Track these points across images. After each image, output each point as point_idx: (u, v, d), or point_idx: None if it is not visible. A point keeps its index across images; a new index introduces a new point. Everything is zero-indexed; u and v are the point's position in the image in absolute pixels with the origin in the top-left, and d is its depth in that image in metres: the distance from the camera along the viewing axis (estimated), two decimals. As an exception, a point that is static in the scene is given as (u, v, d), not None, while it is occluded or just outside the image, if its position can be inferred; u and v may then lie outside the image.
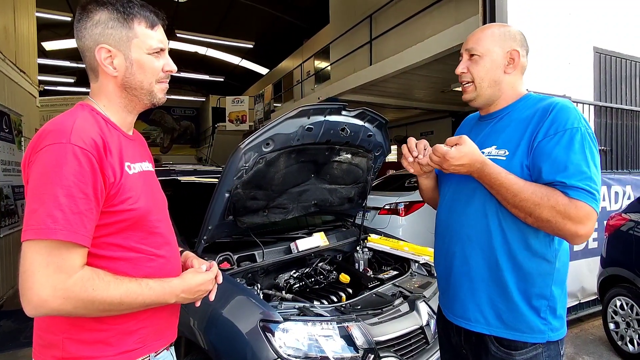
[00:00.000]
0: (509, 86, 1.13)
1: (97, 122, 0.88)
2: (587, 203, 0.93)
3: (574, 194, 0.94)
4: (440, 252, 1.22)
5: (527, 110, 1.08)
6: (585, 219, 0.93)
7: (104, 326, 0.88)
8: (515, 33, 1.12)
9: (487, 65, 1.11)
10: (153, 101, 0.97)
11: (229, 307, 1.60)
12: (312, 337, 1.51)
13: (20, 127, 5.03)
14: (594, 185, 0.95)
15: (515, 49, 1.10)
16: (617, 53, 3.87)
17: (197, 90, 21.14)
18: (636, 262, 2.81)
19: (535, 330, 1.04)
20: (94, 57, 0.90)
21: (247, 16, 13.23)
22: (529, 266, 1.03)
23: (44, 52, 13.01)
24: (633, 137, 4.01)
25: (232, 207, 1.85)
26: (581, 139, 0.98)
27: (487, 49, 1.11)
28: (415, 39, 6.01)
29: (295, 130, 1.80)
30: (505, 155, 1.05)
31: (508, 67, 1.11)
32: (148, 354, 0.95)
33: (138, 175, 0.94)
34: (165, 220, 1.03)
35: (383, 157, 2.38)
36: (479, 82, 1.12)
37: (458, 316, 1.14)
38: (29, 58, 5.97)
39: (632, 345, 2.82)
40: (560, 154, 0.97)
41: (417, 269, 2.29)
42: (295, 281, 2.08)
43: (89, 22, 0.89)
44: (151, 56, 0.92)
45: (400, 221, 4.74)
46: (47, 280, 0.76)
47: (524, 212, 0.97)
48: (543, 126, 1.01)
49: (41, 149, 0.80)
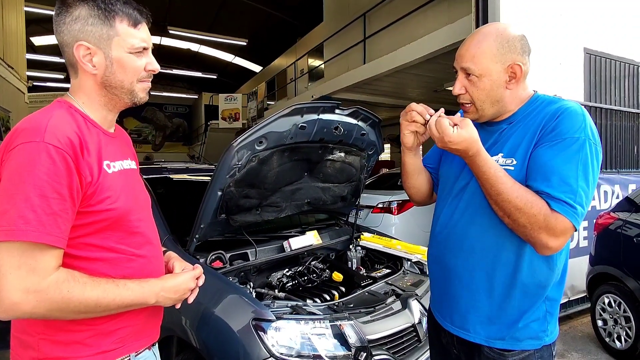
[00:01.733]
0: (513, 98, 1.04)
1: (74, 120, 0.85)
2: (568, 218, 0.90)
3: (556, 206, 0.90)
4: (437, 260, 1.16)
5: (535, 116, 1.01)
6: (561, 233, 0.91)
7: (81, 327, 0.86)
8: (515, 40, 1.01)
9: (487, 86, 1.01)
10: (134, 100, 0.94)
11: (221, 306, 1.59)
12: (305, 336, 1.51)
13: (8, 123, 4.95)
14: (578, 200, 0.90)
15: (517, 62, 0.99)
16: (607, 54, 3.92)
17: (190, 87, 20.99)
18: (624, 261, 2.86)
19: (532, 339, 1.03)
20: (72, 53, 0.86)
21: (240, 13, 13.17)
22: (534, 283, 1.01)
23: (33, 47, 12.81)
24: (622, 137, 4.07)
25: (224, 206, 1.84)
26: (578, 150, 0.92)
27: (485, 68, 1.00)
28: (408, 38, 6.03)
29: (288, 129, 1.79)
30: (514, 165, 0.99)
31: (510, 83, 1.01)
32: (128, 354, 0.93)
33: (118, 174, 0.92)
34: (147, 219, 1.00)
35: (376, 155, 2.38)
36: (480, 104, 1.04)
37: (456, 326, 1.11)
38: (17, 53, 5.87)
39: (619, 341, 2.87)
40: (551, 163, 0.93)
41: (409, 267, 2.30)
42: (288, 280, 2.08)
43: (68, 16, 0.85)
44: (133, 55, 0.89)
45: (393, 219, 4.77)
46: (20, 283, 0.74)
47: (503, 212, 0.95)
48: (546, 130, 0.96)
49: (14, 147, 0.77)
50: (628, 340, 2.80)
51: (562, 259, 1.05)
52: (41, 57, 13.33)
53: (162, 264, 1.04)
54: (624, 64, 4.08)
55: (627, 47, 4.10)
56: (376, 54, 6.99)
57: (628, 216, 2.93)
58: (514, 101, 1.05)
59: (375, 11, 7.40)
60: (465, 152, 0.95)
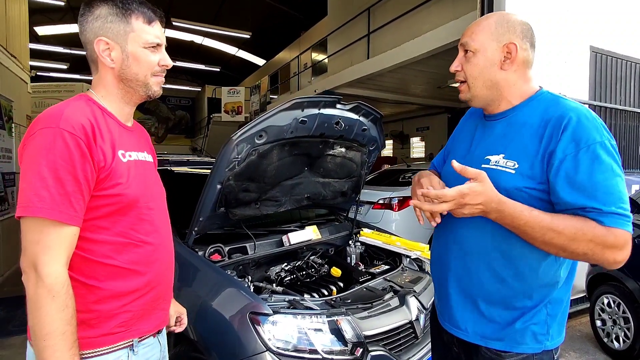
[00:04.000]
0: (509, 84, 1.01)
1: (91, 110, 0.92)
2: (624, 229, 0.86)
3: (609, 221, 0.86)
4: (438, 261, 1.16)
5: (540, 115, 0.97)
6: (624, 245, 0.86)
7: (88, 307, 0.90)
8: (515, 23, 0.99)
9: (481, 62, 1.00)
10: (148, 93, 1.01)
11: (218, 299, 1.60)
12: (302, 330, 1.51)
13: (11, 113, 4.94)
14: (626, 207, 0.87)
15: (513, 41, 0.98)
16: (613, 53, 3.88)
17: (193, 80, 20.94)
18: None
19: (530, 343, 1.00)
20: (93, 49, 0.95)
21: (244, 6, 13.09)
22: (532, 279, 0.98)
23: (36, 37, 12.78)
24: (626, 137, 4.05)
25: (223, 199, 1.83)
26: (607, 155, 0.88)
27: (481, 44, 1.00)
28: (412, 33, 5.98)
29: (288, 123, 1.78)
30: (515, 168, 0.95)
31: (504, 63, 0.99)
32: (131, 338, 0.97)
33: (133, 163, 0.98)
34: (158, 209, 1.04)
35: (377, 151, 2.37)
36: (472, 81, 1.02)
37: (454, 325, 1.10)
38: (20, 42, 5.85)
39: (617, 342, 2.87)
40: (587, 177, 0.87)
41: (408, 263, 2.30)
42: (286, 274, 2.08)
43: (90, 16, 0.95)
44: (147, 50, 0.97)
45: (393, 216, 4.76)
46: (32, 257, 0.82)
47: (556, 248, 0.89)
48: (561, 141, 0.90)
49: (33, 133, 0.85)
50: (626, 341, 2.79)
51: (564, 261, 1.00)
52: (45, 46, 13.30)
53: (171, 254, 1.08)
54: (630, 63, 4.04)
55: (634, 45, 4.06)
56: (380, 49, 6.94)
57: (630, 217, 2.91)
58: (511, 90, 1.02)
59: (380, 6, 7.34)
60: (487, 205, 0.90)
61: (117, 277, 0.93)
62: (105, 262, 0.92)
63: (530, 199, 0.93)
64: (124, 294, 0.94)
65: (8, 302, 3.81)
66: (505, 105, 1.04)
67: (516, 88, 1.02)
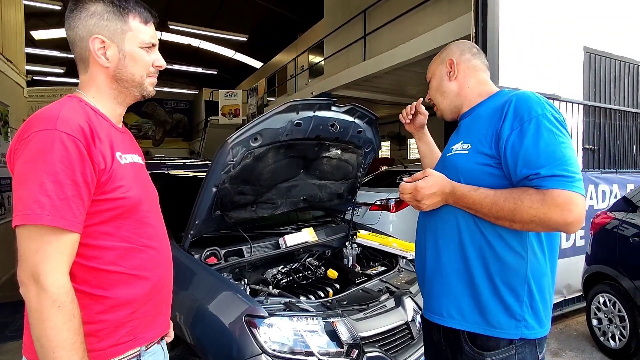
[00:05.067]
0: (462, 88, 1.19)
1: (85, 112, 0.88)
2: (565, 189, 0.90)
3: (549, 183, 0.91)
4: (417, 249, 1.23)
5: (491, 106, 1.10)
6: (566, 205, 0.89)
7: (94, 318, 0.88)
8: (450, 46, 1.24)
9: (435, 83, 1.26)
10: (143, 93, 0.99)
11: (215, 302, 1.60)
12: (298, 332, 1.51)
13: (7, 117, 4.93)
14: (570, 169, 0.91)
15: (450, 57, 1.21)
16: (607, 53, 3.91)
17: (190, 83, 20.92)
18: (619, 260, 2.86)
19: (505, 325, 1.01)
20: (86, 47, 0.91)
21: (241, 9, 13.10)
22: (500, 259, 1.01)
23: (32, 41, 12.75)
24: (620, 136, 4.07)
25: (219, 202, 1.84)
26: (549, 125, 0.95)
27: (432, 71, 1.27)
28: (408, 35, 6.01)
29: (283, 126, 1.79)
30: (468, 149, 1.08)
31: (450, 75, 1.21)
32: (138, 347, 0.95)
33: (130, 166, 0.95)
34: (155, 212, 1.03)
35: (373, 153, 2.38)
36: (434, 99, 1.26)
37: (432, 312, 1.14)
38: (17, 47, 5.85)
39: (613, 340, 2.88)
40: (530, 146, 0.94)
41: (404, 265, 2.30)
42: (283, 276, 2.08)
43: (83, 12, 0.90)
44: (143, 50, 0.95)
45: (390, 217, 4.77)
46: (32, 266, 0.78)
47: (508, 221, 0.96)
48: (506, 120, 1.00)
49: (27, 136, 0.80)
50: (622, 340, 2.81)
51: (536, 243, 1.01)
52: (41, 51, 13.27)
53: (170, 256, 1.06)
54: (623, 63, 4.07)
55: (627, 46, 4.09)
56: (376, 51, 6.97)
57: (624, 216, 2.93)
58: (466, 92, 1.19)
59: (376, 8, 7.37)
60: (443, 191, 1.05)
61: (124, 284, 0.90)
62: (111, 269, 0.89)
63: (484, 174, 1.03)
64: (131, 301, 0.92)
65: (5, 308, 3.80)
66: (467, 106, 1.20)
67: (470, 89, 1.19)
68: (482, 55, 1.23)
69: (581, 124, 3.68)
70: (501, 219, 0.97)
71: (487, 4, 3.02)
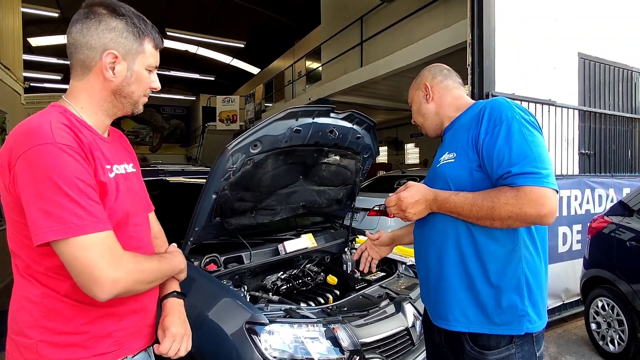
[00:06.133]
0: (441, 107, 1.28)
1: (71, 123, 0.87)
2: (536, 185, 0.95)
3: (520, 181, 0.96)
4: (418, 256, 1.27)
5: (469, 115, 1.18)
6: (539, 199, 0.94)
7: (79, 329, 0.88)
8: (423, 72, 1.35)
9: (415, 107, 1.36)
10: (134, 110, 1.02)
11: (214, 309, 1.59)
12: (298, 339, 1.51)
13: (4, 124, 4.92)
14: (540, 165, 0.97)
15: (424, 82, 1.31)
16: (601, 59, 3.95)
17: (188, 89, 20.95)
18: (617, 264, 2.87)
19: (510, 322, 1.04)
20: (94, 57, 0.91)
21: (238, 15, 13.17)
22: (496, 258, 1.05)
23: (30, 48, 12.75)
24: (616, 141, 4.11)
25: (219, 209, 1.84)
26: (518, 126, 1.01)
27: (411, 97, 1.37)
28: (405, 41, 6.07)
29: (283, 132, 1.80)
30: (454, 158, 1.13)
31: (427, 97, 1.31)
32: (125, 355, 0.95)
33: (119, 178, 0.95)
34: (143, 224, 1.03)
35: (371, 159, 2.39)
36: (418, 121, 1.36)
37: (439, 318, 1.16)
38: (14, 54, 5.85)
39: (612, 345, 2.89)
40: (502, 146, 1.01)
41: (404, 270, 2.31)
42: (282, 283, 2.08)
43: (102, 24, 0.91)
44: (146, 71, 0.98)
45: (389, 222, 4.77)
46: (108, 265, 0.81)
47: (488, 219, 1.01)
48: (482, 125, 1.07)
49: (25, 152, 0.78)
50: (621, 344, 2.81)
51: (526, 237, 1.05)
52: (38, 58, 13.28)
53: None
54: (617, 68, 4.12)
55: (620, 52, 4.14)
56: (373, 57, 7.02)
57: (621, 220, 2.95)
58: (445, 109, 1.28)
59: (372, 15, 7.44)
60: (426, 199, 1.11)
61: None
62: None
63: (472, 178, 1.08)
64: (116, 313, 0.93)
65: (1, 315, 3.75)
66: (447, 121, 1.28)
67: (449, 106, 1.28)
68: (453, 74, 1.34)
69: (577, 129, 3.71)
70: (482, 219, 1.01)
71: (483, 12, 3.06)
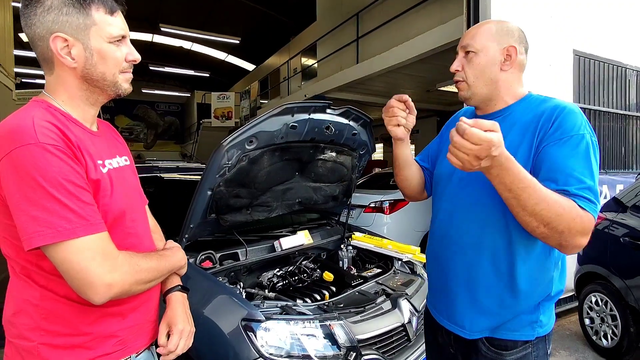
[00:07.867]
0: (506, 85, 1.06)
1: (57, 119, 0.81)
2: (593, 214, 0.89)
3: (583, 204, 0.88)
4: (436, 257, 1.17)
5: (530, 112, 1.02)
6: (589, 230, 0.88)
7: (81, 330, 0.85)
8: (513, 29, 1.06)
9: (482, 62, 1.04)
10: (118, 92, 0.90)
11: (210, 307, 1.58)
12: (295, 336, 1.51)
13: (-4, 120, 4.86)
14: (595, 195, 0.91)
15: (513, 45, 1.03)
16: (596, 56, 3.97)
17: (182, 85, 20.82)
18: (611, 260, 2.90)
19: (524, 328, 1.04)
20: (47, 47, 0.81)
21: (233, 11, 13.10)
22: (529, 275, 1.01)
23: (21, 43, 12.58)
24: (610, 138, 4.14)
25: (214, 205, 1.83)
26: (586, 147, 0.93)
27: (482, 45, 1.04)
28: (401, 38, 6.05)
29: (279, 128, 1.78)
30: None
31: (505, 64, 1.04)
32: (129, 354, 0.93)
33: (112, 172, 0.90)
34: (141, 220, 0.99)
35: (368, 155, 2.39)
36: (473, 80, 1.06)
37: (453, 323, 1.12)
38: (5, 49, 5.77)
39: (605, 339, 2.92)
40: (563, 160, 0.92)
41: (400, 266, 2.31)
42: (278, 280, 2.07)
43: (39, 7, 0.79)
44: (112, 45, 0.85)
45: (385, 219, 4.78)
46: (102, 268, 0.78)
47: (540, 222, 0.86)
48: (549, 130, 0.96)
49: (7, 153, 0.73)
50: (614, 339, 2.84)
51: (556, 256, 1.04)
52: (30, 53, 13.09)
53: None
54: (612, 65, 4.14)
55: (615, 49, 4.16)
56: (369, 53, 7.00)
57: (615, 216, 2.97)
58: (508, 90, 1.07)
59: (368, 11, 7.41)
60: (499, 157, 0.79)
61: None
62: None
63: None
64: (118, 312, 0.90)
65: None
66: (501, 104, 1.08)
67: (512, 89, 1.08)
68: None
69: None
70: (536, 217, 0.86)
71: (479, 7, 3.06)
